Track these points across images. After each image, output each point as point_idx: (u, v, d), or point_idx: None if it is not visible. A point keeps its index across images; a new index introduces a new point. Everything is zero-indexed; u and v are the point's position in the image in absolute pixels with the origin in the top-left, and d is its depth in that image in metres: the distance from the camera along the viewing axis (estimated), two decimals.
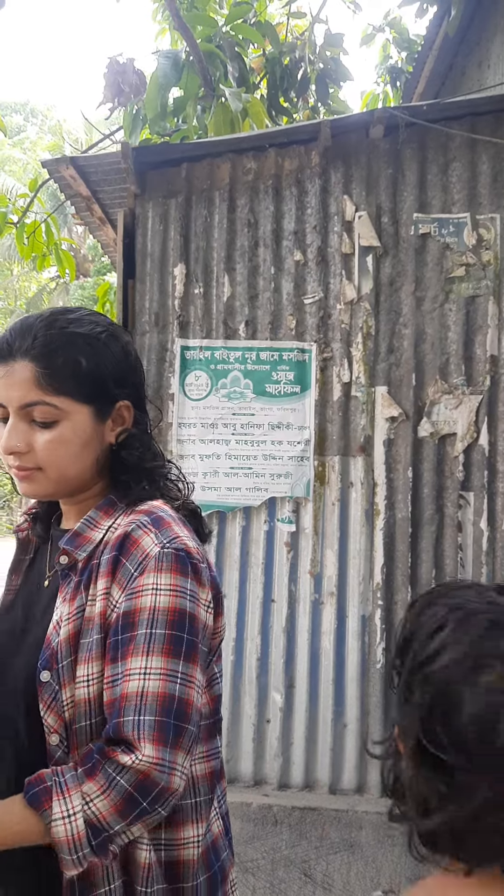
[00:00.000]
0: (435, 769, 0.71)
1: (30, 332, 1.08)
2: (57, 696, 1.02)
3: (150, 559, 1.01)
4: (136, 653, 0.97)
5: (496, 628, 0.74)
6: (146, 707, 0.94)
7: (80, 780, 0.93)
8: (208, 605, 1.05)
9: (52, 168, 3.19)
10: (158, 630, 0.97)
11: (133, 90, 4.39)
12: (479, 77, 4.45)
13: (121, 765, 0.92)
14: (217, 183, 3.18)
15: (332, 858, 2.86)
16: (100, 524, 1.11)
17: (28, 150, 24.44)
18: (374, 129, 3.06)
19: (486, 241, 3.05)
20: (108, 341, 1.12)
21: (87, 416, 1.10)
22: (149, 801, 0.92)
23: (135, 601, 0.99)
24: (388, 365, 3.08)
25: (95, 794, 0.92)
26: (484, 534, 2.99)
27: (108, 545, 1.07)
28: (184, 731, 0.96)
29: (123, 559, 1.03)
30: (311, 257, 3.12)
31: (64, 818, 0.91)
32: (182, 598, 1.00)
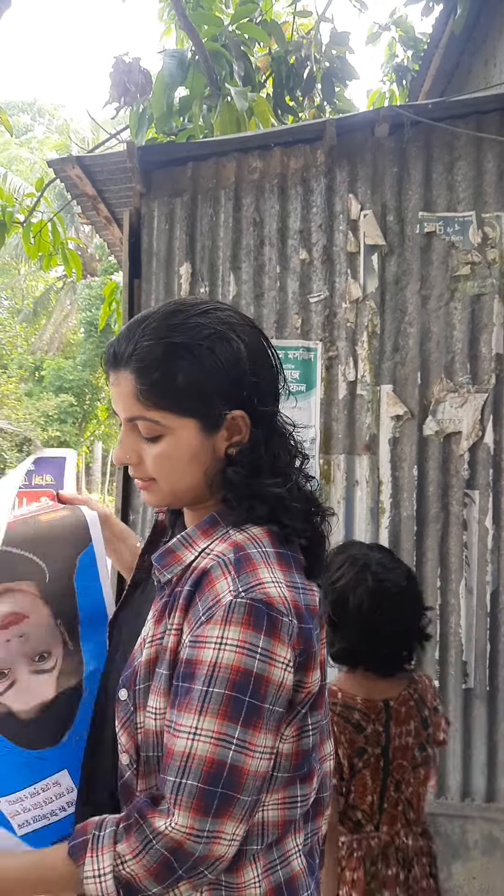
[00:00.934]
0: (335, 630, 1.66)
1: (132, 338, 1.02)
2: (131, 718, 1.00)
3: (219, 607, 0.92)
4: (190, 709, 0.90)
5: (363, 566, 1.68)
6: (191, 771, 0.88)
7: (118, 839, 0.91)
8: (287, 663, 0.93)
9: (59, 168, 3.21)
10: (217, 689, 0.89)
11: (139, 89, 4.40)
12: (486, 75, 4.44)
13: (155, 830, 0.89)
14: (223, 182, 3.18)
15: None
16: (195, 544, 1.03)
17: (35, 150, 24.51)
18: (380, 127, 3.06)
19: (491, 240, 3.05)
20: (215, 345, 1.00)
21: (192, 429, 1.01)
22: (185, 868, 0.89)
23: (197, 651, 0.92)
24: (394, 363, 3.08)
25: (128, 856, 0.89)
26: (489, 532, 2.99)
27: (193, 574, 0.99)
28: (234, 801, 0.89)
29: (197, 598, 0.96)
30: (316, 256, 3.13)
31: (95, 877, 0.89)
32: (250, 657, 0.90)
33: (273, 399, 1.08)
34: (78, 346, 22.66)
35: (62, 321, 23.40)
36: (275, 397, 1.08)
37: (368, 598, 1.64)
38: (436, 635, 3.00)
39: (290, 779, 1.00)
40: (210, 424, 1.02)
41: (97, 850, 0.90)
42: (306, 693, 0.99)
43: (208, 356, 1.00)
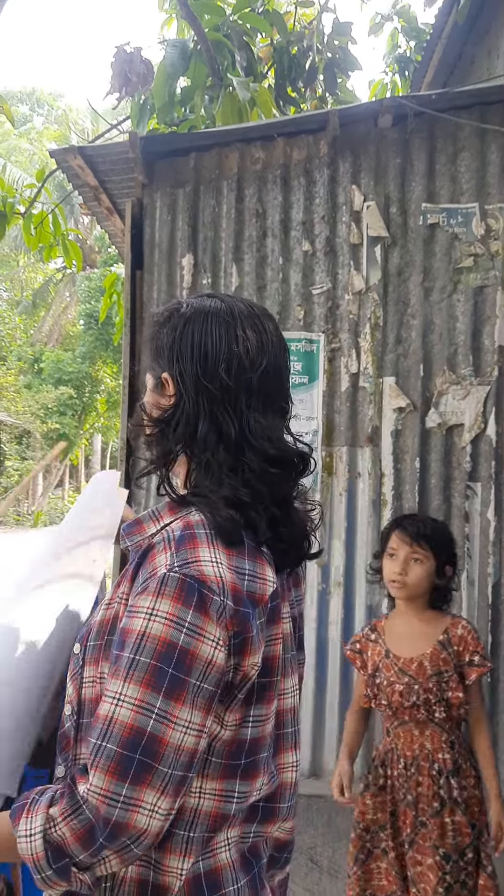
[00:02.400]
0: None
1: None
2: (79, 671, 1.04)
3: (153, 579, 0.95)
4: (118, 676, 0.93)
5: None
6: (111, 735, 0.91)
7: (53, 802, 0.92)
8: (216, 640, 0.94)
9: (60, 158, 3.19)
10: (143, 658, 0.92)
11: (140, 80, 4.37)
12: (489, 65, 4.42)
13: (81, 794, 0.91)
14: (225, 172, 3.17)
15: (338, 845, 2.89)
16: (161, 519, 1.08)
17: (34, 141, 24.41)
18: (383, 118, 3.05)
19: (494, 232, 3.04)
20: (178, 317, 1.11)
21: (150, 384, 1.15)
22: (105, 836, 0.89)
23: (129, 620, 0.95)
24: (396, 355, 3.08)
25: (59, 819, 0.90)
26: (491, 524, 3.00)
27: (142, 548, 1.03)
28: (152, 770, 0.90)
29: (140, 572, 1.00)
30: (319, 247, 3.12)
31: (26, 836, 0.91)
32: (177, 630, 0.93)
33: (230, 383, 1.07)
34: (77, 339, 22.61)
35: (61, 313, 23.35)
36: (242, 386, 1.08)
37: None
38: None
39: (225, 768, 1.01)
40: (155, 383, 1.14)
41: (32, 812, 0.92)
42: (242, 675, 0.99)
43: (166, 328, 1.12)
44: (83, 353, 20.81)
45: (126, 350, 3.20)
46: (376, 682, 2.25)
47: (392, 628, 2.33)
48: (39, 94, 29.20)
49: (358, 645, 2.37)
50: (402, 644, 2.27)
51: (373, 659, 2.30)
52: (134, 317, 3.21)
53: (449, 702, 2.17)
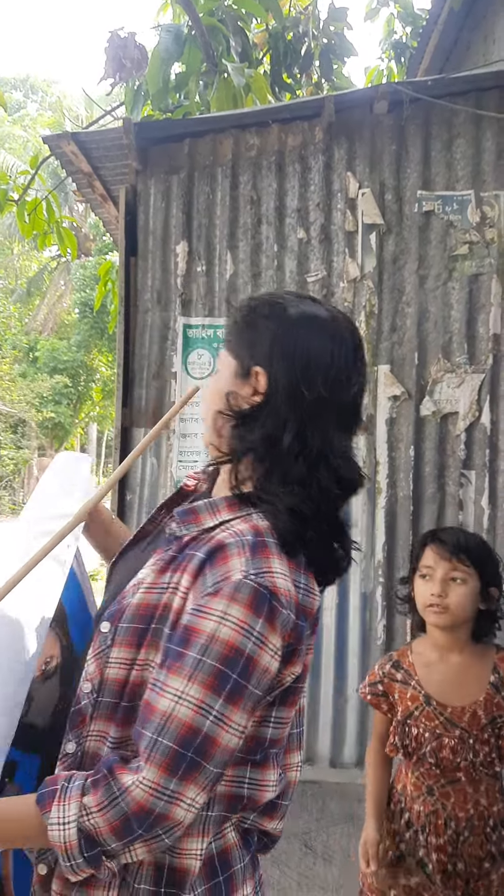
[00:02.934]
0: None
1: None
2: (105, 651, 1.02)
3: (227, 583, 0.94)
4: (181, 673, 0.93)
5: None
6: (168, 731, 0.92)
7: (86, 791, 0.93)
8: (276, 651, 0.96)
9: (54, 144, 3.17)
10: (209, 660, 0.93)
11: (135, 65, 4.34)
12: (485, 51, 4.40)
13: (122, 785, 0.91)
14: (220, 159, 3.16)
15: (332, 830, 2.91)
16: (218, 514, 1.06)
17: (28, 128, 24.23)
18: (378, 104, 3.03)
19: (489, 219, 3.03)
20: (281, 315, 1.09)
21: (229, 368, 1.11)
22: (145, 826, 0.91)
23: (198, 620, 0.94)
24: (391, 343, 3.08)
25: (94, 809, 0.91)
26: (485, 512, 3.00)
27: (208, 543, 1.02)
28: (200, 768, 0.92)
29: (208, 569, 0.98)
30: (314, 235, 3.11)
31: (59, 824, 0.91)
32: (246, 637, 0.93)
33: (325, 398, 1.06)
34: (72, 327, 22.53)
35: (56, 302, 23.26)
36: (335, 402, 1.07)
37: None
38: None
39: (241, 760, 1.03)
40: (241, 371, 1.09)
41: (65, 800, 0.92)
42: (278, 682, 1.02)
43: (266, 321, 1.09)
44: (78, 341, 20.75)
45: (120, 337, 3.19)
46: (411, 734, 1.83)
47: (427, 666, 1.89)
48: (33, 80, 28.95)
49: (380, 687, 1.92)
50: (446, 688, 1.85)
51: (404, 704, 1.86)
52: (128, 304, 3.20)
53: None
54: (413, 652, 1.92)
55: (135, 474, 3.14)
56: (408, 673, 1.89)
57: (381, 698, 1.93)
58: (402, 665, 1.91)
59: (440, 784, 1.83)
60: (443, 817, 1.82)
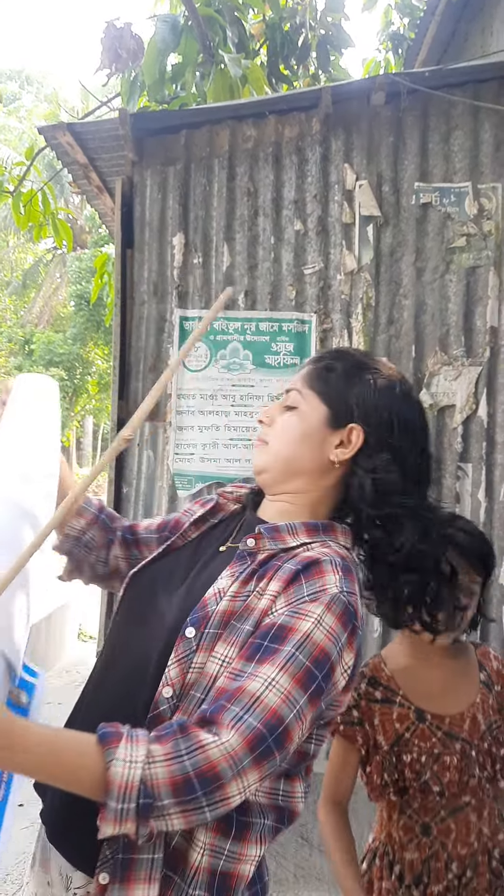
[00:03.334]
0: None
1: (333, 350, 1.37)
2: (190, 656, 1.05)
3: (325, 594, 1.03)
4: (274, 664, 0.97)
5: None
6: (255, 712, 0.94)
7: (152, 741, 0.92)
8: (347, 668, 1.05)
9: (49, 135, 3.15)
10: (301, 657, 0.98)
11: (131, 56, 4.31)
12: (483, 43, 4.38)
13: (196, 743, 0.91)
14: (216, 150, 3.14)
15: None
16: (297, 536, 1.16)
17: (24, 119, 24.12)
18: (376, 95, 3.02)
19: (487, 211, 3.02)
20: (379, 381, 1.21)
21: (319, 414, 1.19)
22: (204, 791, 0.90)
23: (296, 620, 1.01)
24: (388, 336, 3.07)
25: (159, 758, 0.90)
26: (482, 505, 3.00)
27: (295, 557, 1.10)
28: (271, 756, 0.95)
29: (303, 579, 1.06)
30: (311, 227, 3.10)
31: (125, 762, 0.89)
32: (334, 645, 1.01)
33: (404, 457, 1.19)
34: (68, 320, 22.48)
35: (52, 294, 23.19)
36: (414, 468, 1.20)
37: None
38: None
39: (282, 771, 1.08)
40: (334, 421, 1.19)
41: (132, 741, 0.91)
42: (335, 712, 1.12)
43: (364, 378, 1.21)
44: (74, 334, 20.71)
45: (116, 329, 3.18)
46: (403, 763, 1.53)
47: (410, 676, 1.61)
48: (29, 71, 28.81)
49: (356, 713, 1.58)
50: (438, 696, 1.58)
51: (390, 729, 1.56)
52: (124, 296, 3.19)
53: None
54: (387, 663, 1.63)
55: (131, 467, 3.13)
56: (388, 689, 1.58)
57: (357, 729, 1.57)
58: (380, 680, 1.60)
59: (439, 818, 1.53)
60: (443, 859, 1.51)
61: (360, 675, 1.57)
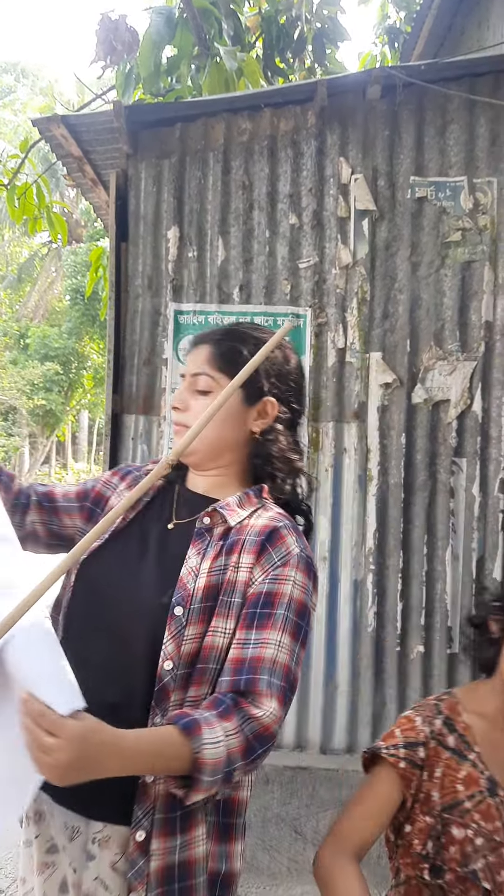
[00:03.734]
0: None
1: (217, 328, 1.39)
2: (182, 631, 1.18)
3: (292, 556, 1.23)
4: (274, 627, 1.17)
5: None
6: (276, 672, 1.15)
7: (219, 720, 1.09)
8: (314, 605, 1.26)
9: (43, 127, 3.13)
10: (291, 615, 1.19)
11: (126, 48, 4.29)
12: (479, 37, 4.37)
13: (251, 715, 1.11)
14: (211, 143, 3.13)
15: (321, 816, 2.92)
16: (244, 506, 1.30)
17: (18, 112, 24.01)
18: (372, 89, 3.00)
19: (482, 206, 3.02)
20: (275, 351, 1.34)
21: (236, 395, 1.28)
22: (263, 749, 1.11)
23: (278, 586, 1.20)
24: (383, 331, 3.06)
25: (231, 732, 1.08)
26: (476, 500, 3.01)
27: (254, 529, 1.26)
28: (291, 699, 1.18)
29: (270, 548, 1.23)
30: (306, 221, 3.09)
31: (212, 744, 1.05)
32: (307, 595, 1.22)
33: (298, 413, 1.40)
34: (63, 314, 22.41)
35: (47, 288, 23.13)
36: (298, 413, 1.40)
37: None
38: (422, 601, 3.02)
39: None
40: (249, 398, 1.32)
41: (209, 725, 1.07)
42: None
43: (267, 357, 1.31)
44: (69, 328, 20.64)
45: (110, 323, 3.17)
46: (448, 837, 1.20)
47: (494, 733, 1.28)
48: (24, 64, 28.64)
49: (421, 752, 1.25)
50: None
51: (445, 787, 1.23)
52: (118, 289, 3.17)
53: None
54: (467, 709, 1.30)
55: (126, 461, 3.13)
56: (463, 740, 1.26)
57: (416, 772, 1.24)
58: (455, 726, 1.28)
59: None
60: None
61: (432, 707, 1.31)
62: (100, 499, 1.42)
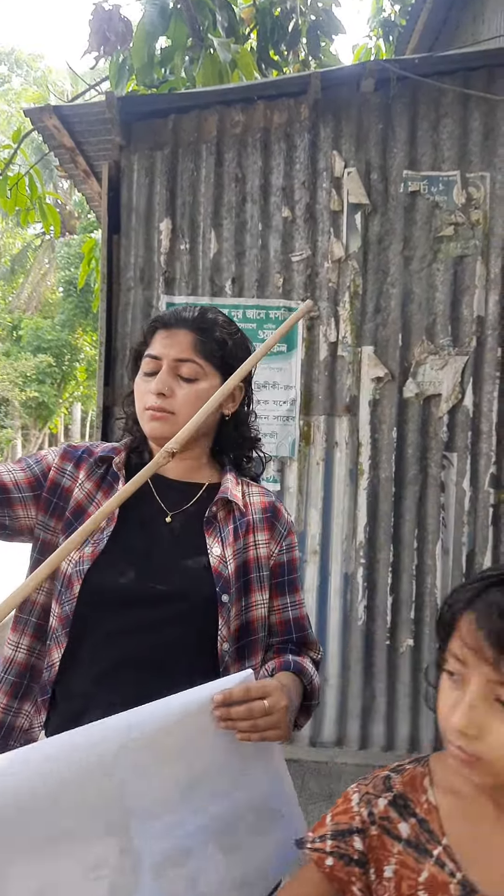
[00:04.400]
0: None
1: (193, 311, 1.37)
2: (230, 613, 1.28)
3: (290, 525, 1.41)
4: (298, 590, 1.40)
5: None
6: (307, 624, 1.40)
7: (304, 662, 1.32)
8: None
9: (36, 117, 3.11)
10: (298, 574, 1.42)
11: (119, 39, 4.26)
12: (474, 31, 4.36)
13: (316, 661, 1.38)
14: (204, 135, 3.11)
15: (311, 808, 2.93)
16: (237, 487, 1.39)
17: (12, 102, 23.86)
18: (365, 82, 3.00)
19: (475, 200, 3.02)
20: (243, 338, 1.41)
21: (216, 382, 1.32)
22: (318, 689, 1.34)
23: (291, 553, 1.40)
24: (375, 325, 3.06)
25: (313, 672, 1.31)
26: (466, 494, 3.01)
27: (255, 507, 1.39)
28: None
29: (276, 522, 1.39)
30: (299, 214, 3.08)
31: (313, 676, 1.30)
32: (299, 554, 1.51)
33: (251, 391, 1.47)
34: (56, 306, 22.33)
35: (40, 280, 23.02)
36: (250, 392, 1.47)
37: None
38: (412, 595, 3.03)
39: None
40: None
41: (307, 665, 1.31)
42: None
43: (241, 340, 1.39)
44: (62, 320, 20.57)
45: (102, 316, 3.16)
46: None
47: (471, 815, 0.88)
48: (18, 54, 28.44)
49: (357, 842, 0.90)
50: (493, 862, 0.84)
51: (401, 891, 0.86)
52: (111, 282, 3.16)
53: None
54: (436, 783, 0.92)
55: None
56: (424, 827, 0.89)
57: (354, 870, 0.89)
58: (412, 805, 0.91)
59: None
60: None
61: (380, 783, 0.94)
62: (56, 487, 1.34)
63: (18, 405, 21.05)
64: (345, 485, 3.07)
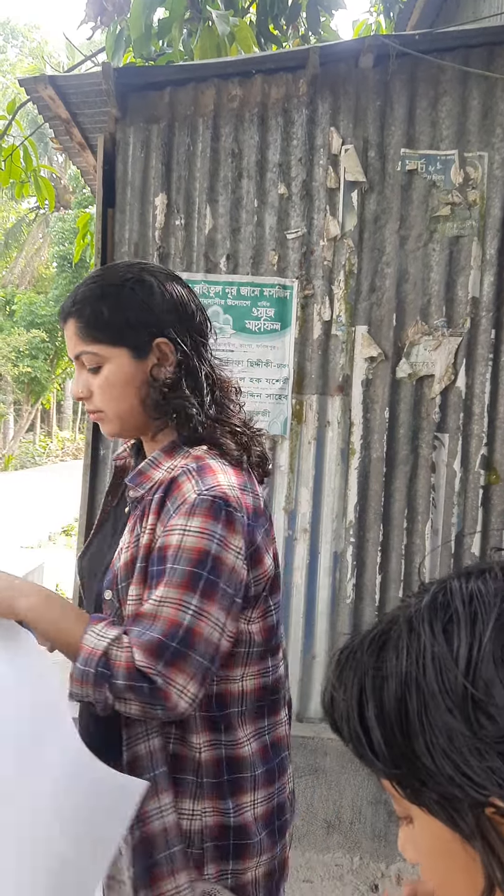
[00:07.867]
0: None
1: (73, 294, 1.25)
2: (117, 613, 1.17)
3: (186, 503, 1.12)
4: (160, 584, 1.10)
5: None
6: (154, 627, 1.07)
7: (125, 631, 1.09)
8: (239, 551, 1.13)
9: (31, 87, 3.07)
10: (180, 566, 1.08)
11: (116, 9, 4.21)
12: (475, 8, 4.32)
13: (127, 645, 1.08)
14: (201, 109, 3.08)
15: (297, 783, 2.97)
16: (161, 465, 1.22)
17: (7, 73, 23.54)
18: (364, 57, 2.97)
19: (472, 180, 3.00)
20: (135, 286, 1.21)
21: (124, 357, 1.20)
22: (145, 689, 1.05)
23: (167, 538, 1.11)
24: (370, 304, 3.06)
25: (125, 643, 1.06)
26: (457, 475, 3.03)
27: (161, 485, 1.18)
28: (187, 658, 1.06)
29: (167, 501, 1.15)
30: (295, 191, 3.06)
31: (96, 634, 1.07)
32: (209, 540, 1.09)
33: (196, 333, 1.26)
34: (50, 281, 22.20)
35: (34, 254, 22.86)
36: (199, 332, 1.26)
37: None
38: (400, 574, 3.06)
39: (262, 653, 1.23)
40: (139, 352, 1.21)
41: (111, 626, 1.09)
42: (265, 578, 1.21)
43: (129, 294, 1.20)
44: (56, 296, 20.46)
45: None
46: None
47: None
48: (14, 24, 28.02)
49: None
50: None
51: None
52: (105, 257, 3.14)
53: None
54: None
55: None
56: None
57: None
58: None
59: None
60: None
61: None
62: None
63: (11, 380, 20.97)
64: (336, 464, 3.08)
